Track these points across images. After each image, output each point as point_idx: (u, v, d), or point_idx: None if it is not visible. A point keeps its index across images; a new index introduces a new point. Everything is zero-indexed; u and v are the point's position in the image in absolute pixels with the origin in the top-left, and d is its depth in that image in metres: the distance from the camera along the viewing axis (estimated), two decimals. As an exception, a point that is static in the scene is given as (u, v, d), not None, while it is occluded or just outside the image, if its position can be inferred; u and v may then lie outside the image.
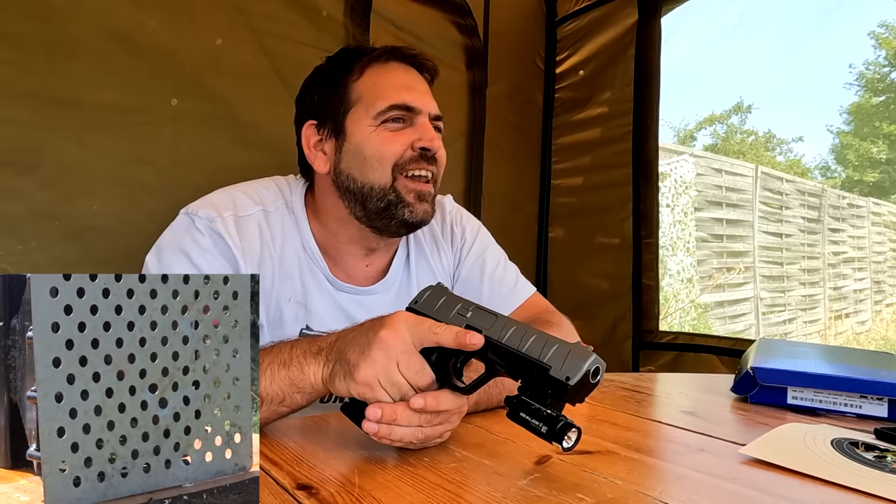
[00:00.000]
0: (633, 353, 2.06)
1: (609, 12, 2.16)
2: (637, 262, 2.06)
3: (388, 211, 0.97)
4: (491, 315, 0.68)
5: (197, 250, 0.91)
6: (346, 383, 0.67)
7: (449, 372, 0.68)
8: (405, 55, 1.03)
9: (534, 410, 0.60)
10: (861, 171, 11.00)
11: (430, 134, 0.98)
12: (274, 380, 0.72)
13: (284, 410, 0.74)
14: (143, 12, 1.42)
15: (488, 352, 0.65)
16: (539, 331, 0.63)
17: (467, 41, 2.10)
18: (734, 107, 13.21)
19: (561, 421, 0.58)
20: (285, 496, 0.56)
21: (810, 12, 20.92)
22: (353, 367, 0.66)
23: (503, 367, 0.65)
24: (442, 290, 0.74)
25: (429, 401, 0.65)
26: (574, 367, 0.58)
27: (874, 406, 0.87)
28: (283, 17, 1.65)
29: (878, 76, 11.18)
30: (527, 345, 0.62)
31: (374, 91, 0.99)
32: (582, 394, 0.60)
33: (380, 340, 0.65)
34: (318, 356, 0.72)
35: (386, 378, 0.65)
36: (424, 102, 1.00)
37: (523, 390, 0.62)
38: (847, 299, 7.68)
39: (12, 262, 1.28)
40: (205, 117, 1.46)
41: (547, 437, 0.58)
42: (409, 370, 0.65)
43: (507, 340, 0.64)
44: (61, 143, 1.33)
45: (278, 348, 0.75)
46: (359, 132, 0.98)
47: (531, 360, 0.61)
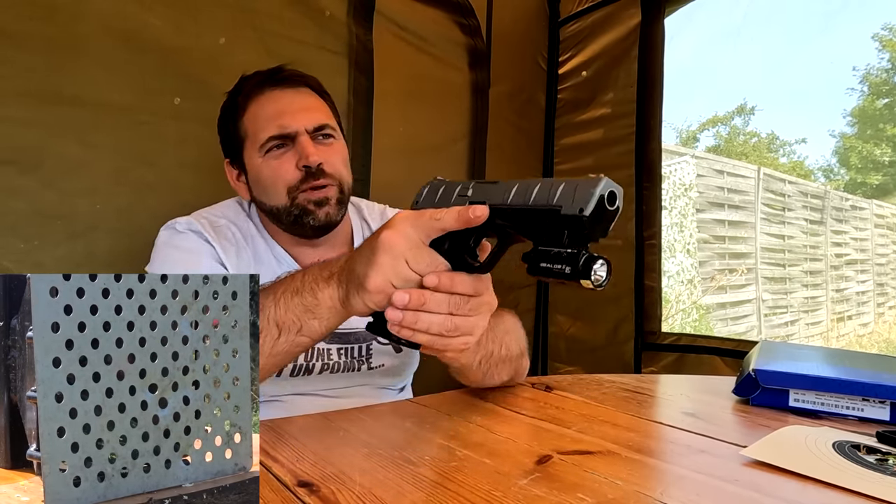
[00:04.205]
0: (635, 354, 2.05)
1: (612, 13, 2.15)
2: (639, 263, 2.05)
3: (297, 222, 1.05)
4: (492, 184, 0.64)
5: (182, 251, 1.01)
6: (361, 297, 0.65)
7: (464, 258, 0.64)
8: (276, 80, 1.09)
9: (553, 255, 0.56)
10: (864, 173, 10.97)
11: (307, 151, 1.03)
12: (288, 308, 0.71)
13: (304, 340, 0.74)
14: (147, 11, 1.42)
15: (496, 220, 0.61)
16: (544, 179, 0.59)
17: (470, 41, 2.10)
18: (737, 108, 13.18)
19: (583, 255, 0.54)
20: (286, 493, 0.56)
21: (814, 14, 20.85)
22: (364, 279, 0.64)
23: (516, 231, 0.61)
24: (439, 182, 0.71)
25: (442, 279, 0.62)
26: (585, 196, 0.53)
27: (876, 409, 0.86)
28: (287, 17, 1.65)
29: (882, 79, 11.16)
30: (532, 196, 0.58)
31: (254, 126, 1.07)
32: (602, 226, 0.55)
33: (382, 244, 0.63)
34: (331, 280, 0.70)
35: (398, 278, 0.63)
36: (299, 121, 1.05)
37: (538, 243, 0.58)
38: (850, 301, 7.66)
39: (15, 261, 1.28)
40: (208, 116, 1.45)
41: (573, 277, 0.54)
42: (420, 264, 0.63)
43: (513, 200, 0.60)
44: (64, 141, 1.33)
45: (290, 278, 0.74)
46: (253, 166, 1.08)
47: (540, 209, 0.56)
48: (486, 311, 0.67)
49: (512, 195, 0.60)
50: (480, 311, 0.66)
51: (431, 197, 0.70)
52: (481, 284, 0.65)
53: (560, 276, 0.55)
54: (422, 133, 1.96)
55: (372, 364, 1.11)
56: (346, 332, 1.09)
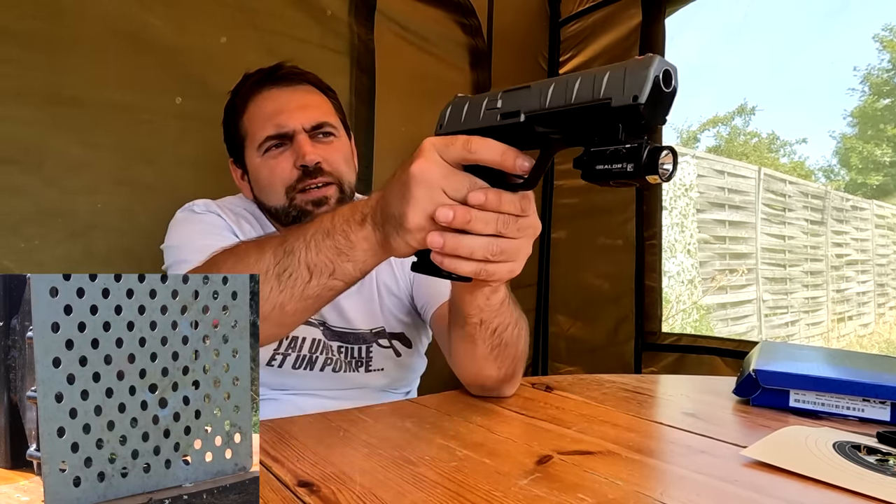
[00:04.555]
0: (635, 354, 2.05)
1: (613, 13, 2.15)
2: (640, 264, 2.05)
3: (296, 222, 1.04)
4: (523, 88, 0.56)
5: (204, 224, 1.03)
6: (404, 238, 0.61)
7: (504, 175, 0.58)
8: (275, 79, 1.08)
9: (610, 154, 0.49)
10: (865, 173, 10.97)
11: (303, 150, 1.02)
12: (320, 250, 0.67)
13: (338, 284, 0.70)
14: (148, 11, 1.42)
15: (536, 127, 0.55)
16: (584, 71, 0.52)
17: (471, 41, 2.10)
18: (738, 108, 13.19)
19: (646, 147, 0.47)
20: (286, 493, 0.56)
21: (815, 14, 20.90)
22: (402, 218, 0.59)
23: (561, 136, 0.54)
24: (462, 99, 0.64)
25: (490, 196, 0.57)
26: (638, 80, 0.47)
27: (877, 409, 0.86)
28: (288, 16, 1.65)
29: (883, 79, 11.16)
30: (574, 92, 0.51)
31: (253, 126, 1.07)
32: (661, 110, 0.48)
33: (414, 177, 0.58)
34: (364, 223, 0.66)
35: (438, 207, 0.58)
36: (296, 120, 1.04)
37: (590, 143, 0.51)
38: (850, 302, 7.66)
39: (15, 260, 1.28)
40: (208, 116, 1.45)
41: (637, 175, 0.48)
42: (460, 192, 0.58)
43: (551, 102, 0.53)
44: (65, 140, 1.33)
45: (319, 219, 0.70)
46: (252, 166, 1.08)
47: (587, 106, 0.50)
48: (531, 234, 0.62)
49: (549, 97, 0.53)
50: (527, 232, 0.61)
51: (456, 117, 0.63)
52: (527, 203, 0.60)
53: (622, 177, 0.48)
54: (423, 132, 1.93)
55: (371, 367, 1.10)
56: (346, 332, 1.09)
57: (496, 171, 0.57)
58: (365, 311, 1.10)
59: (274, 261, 0.70)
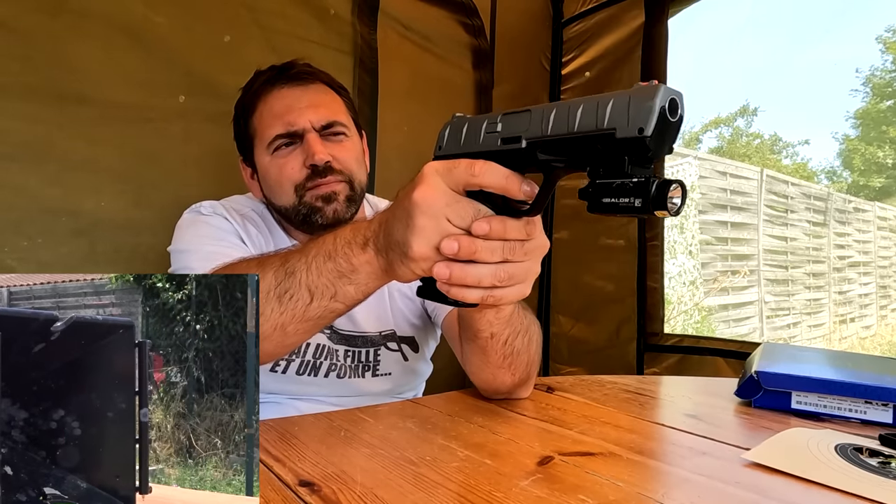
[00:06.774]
0: (637, 355, 2.05)
1: (616, 14, 2.15)
2: (642, 265, 2.05)
3: (306, 221, 1.04)
4: (523, 112, 0.55)
5: (211, 227, 1.03)
6: (408, 266, 0.60)
7: (508, 202, 0.57)
8: (286, 77, 1.07)
9: (617, 188, 0.48)
10: (867, 175, 10.95)
11: (313, 150, 1.02)
12: (321, 272, 0.67)
13: (339, 307, 0.69)
14: (152, 9, 1.43)
15: (538, 154, 0.53)
16: (586, 97, 0.50)
17: (474, 41, 2.10)
18: (740, 109, 13.18)
19: (653, 182, 0.46)
20: (287, 493, 0.56)
21: (817, 16, 20.86)
22: (406, 247, 0.58)
23: (563, 163, 0.53)
24: (461, 120, 0.63)
25: (494, 225, 0.56)
26: (643, 111, 0.45)
27: (879, 412, 0.86)
28: (291, 15, 1.65)
29: (886, 81, 11.14)
30: (577, 121, 0.50)
31: (262, 125, 1.06)
32: (668, 139, 0.47)
33: (417, 204, 0.57)
34: (367, 247, 0.65)
35: (443, 238, 0.57)
36: (306, 119, 1.04)
37: (594, 174, 0.50)
38: (852, 304, 7.65)
39: (18, 259, 1.28)
40: (212, 114, 1.46)
41: (645, 210, 0.47)
42: (464, 219, 0.57)
43: (553, 129, 0.52)
44: (68, 138, 1.33)
45: (321, 240, 0.70)
46: (262, 164, 1.07)
47: (590, 135, 0.49)
48: (539, 255, 0.62)
49: (552, 123, 0.52)
50: (534, 254, 0.61)
51: (455, 139, 0.62)
52: (533, 227, 0.59)
53: (629, 212, 0.47)
54: (426, 132, 1.95)
55: (378, 371, 1.09)
56: (354, 336, 1.08)
57: (499, 195, 0.57)
58: (374, 314, 1.09)
59: (275, 281, 0.69)
